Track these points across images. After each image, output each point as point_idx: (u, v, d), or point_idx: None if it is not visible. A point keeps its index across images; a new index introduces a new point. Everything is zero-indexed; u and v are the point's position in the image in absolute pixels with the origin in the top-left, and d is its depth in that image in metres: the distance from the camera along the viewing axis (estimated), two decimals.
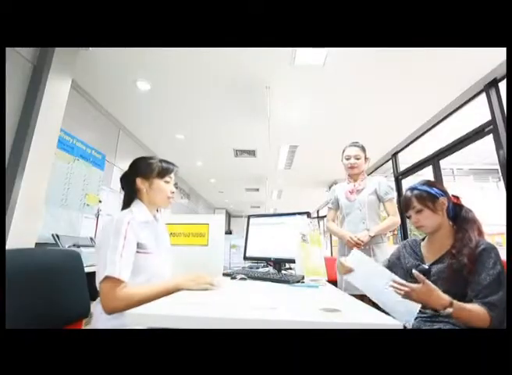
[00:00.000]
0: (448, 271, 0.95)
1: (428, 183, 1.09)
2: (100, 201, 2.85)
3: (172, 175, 1.13)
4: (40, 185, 1.70)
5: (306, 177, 5.85)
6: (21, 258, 0.90)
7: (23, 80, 1.67)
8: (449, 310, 0.81)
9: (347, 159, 1.81)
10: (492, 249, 0.92)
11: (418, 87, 2.60)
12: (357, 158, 1.78)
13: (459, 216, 1.04)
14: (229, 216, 11.40)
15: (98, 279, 0.85)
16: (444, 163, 3.16)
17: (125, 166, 3.61)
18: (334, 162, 4.80)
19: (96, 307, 0.89)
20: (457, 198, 1.07)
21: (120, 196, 3.40)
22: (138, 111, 3.11)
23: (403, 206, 1.11)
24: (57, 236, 1.98)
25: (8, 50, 1.56)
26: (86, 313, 1.08)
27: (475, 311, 0.83)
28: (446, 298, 0.83)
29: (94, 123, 2.89)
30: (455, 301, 0.83)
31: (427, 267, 1.03)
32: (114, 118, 3.23)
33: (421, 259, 1.10)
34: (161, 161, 1.12)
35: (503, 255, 0.93)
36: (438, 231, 1.05)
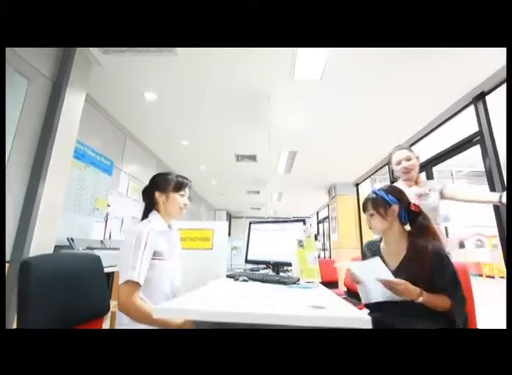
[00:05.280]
0: (408, 278, 1.03)
1: (387, 189, 1.18)
2: (108, 206, 3.00)
3: (187, 189, 1.26)
4: (59, 192, 1.85)
5: (305, 181, 6.00)
6: (55, 262, 1.04)
7: (44, 97, 1.82)
8: (422, 298, 0.97)
9: (398, 164, 1.70)
10: (444, 255, 1.04)
11: (412, 98, 2.74)
12: (409, 160, 1.68)
13: (416, 223, 1.13)
14: (229, 216, 11.53)
15: (120, 280, 1.00)
16: (443, 165, 3.22)
17: (131, 170, 3.85)
18: (333, 166, 4.98)
19: None
20: (417, 206, 1.16)
21: (127, 199, 3.55)
22: (145, 120, 3.27)
23: (363, 206, 1.22)
24: (72, 239, 2.13)
25: (30, 69, 1.71)
26: (106, 310, 1.22)
27: (440, 297, 0.99)
28: (417, 289, 0.98)
29: (102, 131, 3.05)
30: (422, 290, 0.99)
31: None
32: (122, 126, 3.39)
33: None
34: (177, 176, 1.25)
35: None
36: (387, 234, 1.16)
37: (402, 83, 2.51)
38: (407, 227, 1.16)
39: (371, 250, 1.29)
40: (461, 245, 10.48)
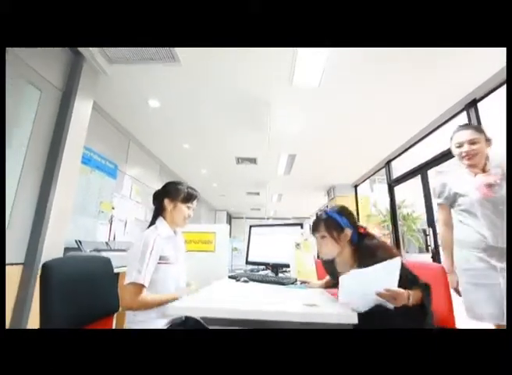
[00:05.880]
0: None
1: (340, 211, 1.13)
2: (113, 208, 3.09)
3: (194, 202, 1.34)
4: (68, 196, 1.94)
5: (305, 182, 6.09)
6: (72, 265, 1.13)
7: (55, 106, 1.91)
8: (411, 298, 0.92)
9: (459, 147, 1.42)
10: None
11: (408, 104, 2.83)
12: (473, 143, 1.37)
13: (362, 244, 1.08)
14: (229, 217, 11.63)
15: (126, 281, 1.08)
16: (444, 165, 3.16)
17: (134, 173, 3.99)
18: (332, 168, 5.07)
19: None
20: (364, 228, 1.12)
21: (130, 202, 3.66)
22: (148, 125, 3.37)
23: (313, 227, 1.15)
24: (79, 241, 2.22)
25: (42, 80, 1.79)
26: (116, 309, 1.31)
27: (416, 292, 0.95)
28: (405, 291, 0.92)
29: (107, 135, 3.15)
30: (409, 291, 0.93)
31: None
32: (126, 131, 3.49)
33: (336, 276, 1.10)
34: (188, 188, 1.33)
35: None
36: (338, 257, 1.11)
37: (398, 89, 2.59)
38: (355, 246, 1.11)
39: (327, 268, 1.26)
40: None
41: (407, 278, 1.01)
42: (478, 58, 2.11)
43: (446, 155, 3.00)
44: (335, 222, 1.09)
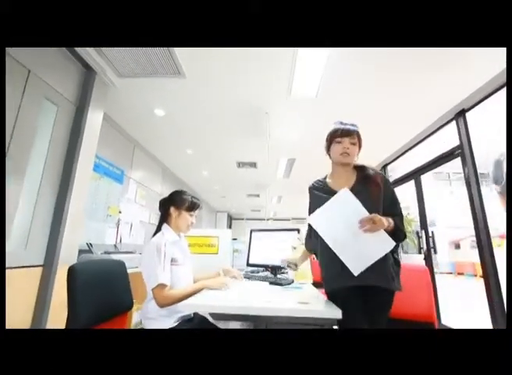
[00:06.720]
0: (361, 198, 1.06)
1: None
2: (120, 212, 3.24)
3: (197, 211, 1.48)
4: (81, 202, 2.08)
5: (304, 184, 6.17)
6: (93, 267, 1.27)
7: (69, 119, 2.05)
8: (391, 224, 1.02)
9: None
10: (387, 178, 1.18)
11: (403, 111, 2.95)
12: None
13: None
14: (230, 218, 11.77)
15: (150, 286, 1.22)
16: (441, 167, 3.26)
17: (139, 177, 4.18)
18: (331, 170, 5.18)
19: (148, 304, 1.27)
20: None
21: (135, 205, 3.83)
22: (153, 132, 3.53)
23: (345, 131, 1.21)
24: (90, 244, 2.36)
25: (58, 96, 1.94)
26: (131, 306, 1.46)
27: (392, 221, 1.06)
28: (383, 218, 1.00)
29: (114, 142, 3.30)
30: (389, 219, 1.03)
31: None
32: (132, 138, 3.65)
33: (330, 192, 1.19)
34: (192, 197, 1.47)
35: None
36: (347, 166, 1.23)
37: (394, 96, 2.71)
38: None
39: (316, 187, 1.32)
40: (457, 246, 10.75)
41: (392, 196, 1.15)
42: (467, 68, 2.22)
43: (437, 162, 3.14)
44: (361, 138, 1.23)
